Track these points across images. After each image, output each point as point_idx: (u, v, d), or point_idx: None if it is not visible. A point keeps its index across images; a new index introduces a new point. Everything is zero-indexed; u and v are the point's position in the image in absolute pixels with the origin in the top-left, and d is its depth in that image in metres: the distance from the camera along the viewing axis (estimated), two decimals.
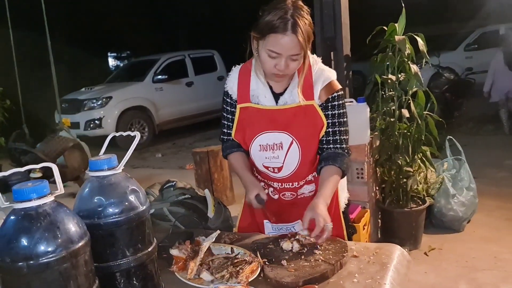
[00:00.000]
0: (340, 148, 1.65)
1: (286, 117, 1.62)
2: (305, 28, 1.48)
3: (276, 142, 1.64)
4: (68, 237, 0.90)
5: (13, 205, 0.90)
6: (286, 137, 1.62)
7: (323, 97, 1.62)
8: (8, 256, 0.86)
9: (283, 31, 1.46)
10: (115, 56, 22.42)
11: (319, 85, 1.62)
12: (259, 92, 1.66)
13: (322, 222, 1.43)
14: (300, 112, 1.61)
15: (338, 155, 1.64)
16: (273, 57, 1.51)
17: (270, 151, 1.66)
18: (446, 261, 3.14)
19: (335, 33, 3.26)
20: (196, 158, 4.58)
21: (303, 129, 1.62)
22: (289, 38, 1.46)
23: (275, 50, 1.49)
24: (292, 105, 1.61)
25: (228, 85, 1.72)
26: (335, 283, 1.24)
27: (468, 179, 3.66)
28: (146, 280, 1.13)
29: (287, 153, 1.64)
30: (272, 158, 1.67)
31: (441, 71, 8.38)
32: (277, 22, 1.47)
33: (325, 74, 1.64)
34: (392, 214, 3.36)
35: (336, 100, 1.63)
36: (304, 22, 1.48)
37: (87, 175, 1.13)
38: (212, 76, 9.99)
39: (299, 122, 1.61)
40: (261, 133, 1.65)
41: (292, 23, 1.46)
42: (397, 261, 1.37)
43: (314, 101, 1.61)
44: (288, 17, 1.47)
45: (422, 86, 3.14)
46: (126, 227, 1.08)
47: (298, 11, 1.49)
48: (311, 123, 1.62)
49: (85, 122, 8.38)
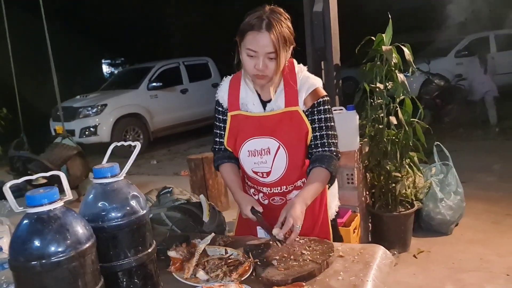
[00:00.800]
0: (329, 150, 1.69)
1: (273, 123, 1.69)
2: (281, 29, 1.57)
3: (263, 148, 1.70)
4: (76, 238, 0.99)
5: (26, 210, 0.99)
6: (273, 142, 1.69)
7: (309, 103, 1.68)
8: (23, 256, 0.95)
9: (259, 28, 1.56)
10: (109, 63, 22.47)
11: (303, 92, 1.69)
12: (248, 100, 1.74)
13: (291, 222, 1.46)
14: (286, 118, 1.68)
15: (325, 157, 1.68)
16: (251, 56, 1.59)
17: (258, 156, 1.72)
18: (434, 263, 3.25)
19: (325, 43, 3.37)
20: (191, 165, 4.66)
21: (289, 134, 1.69)
22: (263, 35, 1.55)
23: (252, 48, 1.58)
24: (277, 111, 1.69)
25: (219, 94, 1.81)
26: (321, 281, 1.34)
27: (455, 183, 3.77)
28: (146, 279, 1.22)
29: (274, 157, 1.70)
30: (261, 163, 1.73)
31: (431, 78, 8.53)
32: (253, 21, 1.58)
33: (309, 81, 1.71)
34: (381, 218, 3.47)
35: (322, 105, 1.69)
36: (280, 24, 1.57)
37: (91, 182, 1.22)
38: (206, 83, 10.09)
39: (285, 128, 1.68)
40: (249, 139, 1.72)
41: (267, 22, 1.56)
42: (380, 260, 1.47)
43: (298, 107, 1.68)
44: (264, 17, 1.57)
45: (409, 94, 3.26)
46: (128, 229, 1.17)
47: (275, 14, 1.59)
48: (297, 128, 1.69)
49: (80, 130, 8.43)
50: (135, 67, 11.08)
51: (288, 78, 1.71)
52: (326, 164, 1.67)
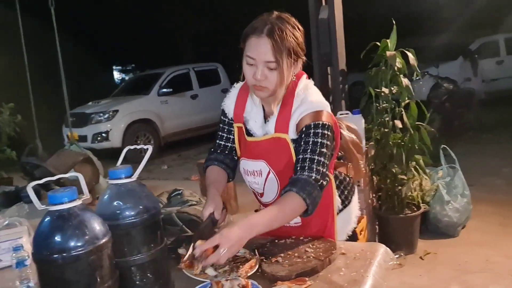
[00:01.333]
0: (307, 175, 1.45)
1: (263, 147, 1.59)
2: (285, 37, 1.43)
3: (255, 169, 1.63)
4: (94, 234, 1.08)
5: (48, 208, 1.08)
6: (264, 166, 1.61)
7: (299, 128, 1.53)
8: (45, 250, 1.04)
9: (259, 33, 1.43)
10: (120, 70, 22.77)
11: (295, 117, 1.54)
12: (251, 116, 1.63)
13: (216, 241, 1.29)
14: (275, 144, 1.57)
15: (300, 180, 1.44)
16: (250, 64, 1.47)
17: (251, 176, 1.66)
18: (440, 265, 3.29)
19: (330, 49, 3.45)
20: (201, 170, 4.74)
21: (278, 160, 1.58)
22: (263, 41, 1.43)
23: (251, 55, 1.45)
24: (267, 136, 1.58)
25: (226, 103, 1.73)
26: (323, 276, 1.41)
27: (462, 186, 3.80)
28: (158, 274, 1.30)
29: (265, 181, 1.63)
30: (253, 183, 1.67)
31: (440, 82, 8.55)
32: (256, 25, 1.46)
33: (305, 106, 1.53)
34: (388, 220, 3.52)
35: (313, 128, 1.50)
36: (285, 32, 1.44)
37: (103, 185, 1.30)
38: (216, 89, 10.20)
39: (274, 154, 1.58)
40: (243, 158, 1.68)
41: (269, 27, 1.43)
42: (381, 257, 1.53)
43: (287, 135, 1.55)
44: (267, 22, 1.45)
45: (413, 98, 3.31)
46: (141, 227, 1.25)
47: (281, 21, 1.46)
48: (285, 155, 1.56)
49: (92, 135, 8.60)
50: (145, 74, 11.26)
51: (286, 99, 1.56)
52: (297, 188, 1.42)
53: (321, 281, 1.38)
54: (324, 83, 3.63)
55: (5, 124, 6.44)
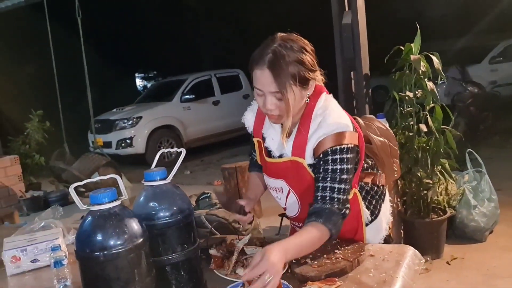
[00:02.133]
0: (330, 204, 1.43)
1: (281, 168, 1.58)
2: (287, 65, 1.37)
3: (277, 186, 1.64)
4: (133, 233, 1.12)
5: (90, 208, 1.13)
6: (283, 184, 1.61)
7: (317, 152, 1.48)
8: (88, 247, 1.09)
9: (262, 65, 1.39)
10: (142, 77, 23.13)
11: (312, 141, 1.49)
12: (269, 133, 1.61)
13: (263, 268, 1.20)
14: (292, 167, 1.55)
15: (324, 211, 1.42)
16: (259, 95, 1.45)
17: (274, 191, 1.66)
18: (467, 270, 3.25)
19: (354, 54, 3.46)
20: (225, 174, 4.80)
21: (297, 181, 1.57)
22: (265, 74, 1.38)
23: (257, 86, 1.43)
24: (285, 158, 1.56)
25: (246, 117, 1.72)
26: (353, 277, 1.43)
27: (489, 190, 3.75)
28: (191, 273, 1.34)
29: (286, 198, 1.64)
30: (277, 197, 1.68)
31: (464, 85, 8.44)
32: (256, 56, 1.42)
33: (323, 130, 1.47)
34: (413, 225, 3.50)
35: (330, 155, 1.45)
36: (288, 59, 1.38)
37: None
38: (237, 95, 10.28)
39: (292, 175, 1.56)
40: (265, 174, 1.68)
41: (270, 57, 1.37)
42: (410, 259, 1.54)
43: (304, 160, 1.51)
44: (268, 51, 1.39)
45: (438, 102, 3.30)
46: (175, 227, 1.29)
47: (283, 46, 1.39)
48: (304, 178, 1.54)
49: (117, 142, 8.75)
50: (168, 80, 11.42)
51: (303, 121, 1.51)
52: (323, 219, 1.41)
53: (350, 281, 1.40)
54: (347, 87, 3.64)
55: (34, 131, 6.64)
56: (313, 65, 1.45)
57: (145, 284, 1.15)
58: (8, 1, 6.87)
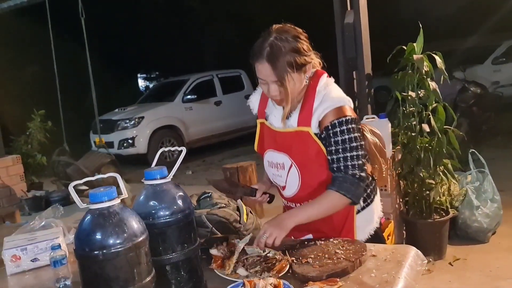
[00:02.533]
0: (344, 173, 1.59)
1: (287, 140, 1.68)
2: (284, 55, 1.52)
3: (279, 162, 1.72)
4: (133, 231, 1.11)
5: (89, 206, 1.12)
6: (286, 159, 1.69)
7: (324, 124, 1.61)
8: (87, 246, 1.08)
9: (261, 59, 1.55)
10: (144, 77, 23.16)
11: (319, 112, 1.62)
12: (271, 111, 1.75)
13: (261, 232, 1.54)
14: (298, 137, 1.65)
15: (339, 178, 1.60)
16: (263, 84, 1.61)
17: (275, 169, 1.75)
18: (470, 271, 3.23)
19: (356, 53, 3.45)
20: (226, 174, 4.79)
21: (300, 154, 1.66)
22: (265, 66, 1.54)
23: (260, 77, 1.59)
24: (290, 129, 1.67)
25: (251, 100, 1.87)
26: (354, 278, 1.41)
27: (492, 191, 3.73)
28: (191, 273, 1.33)
29: (288, 174, 1.70)
30: (277, 176, 1.75)
31: (467, 85, 8.40)
32: (256, 50, 1.57)
33: (329, 101, 1.62)
34: (415, 225, 3.48)
35: (337, 127, 1.60)
36: (283, 50, 1.52)
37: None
38: (239, 95, 10.27)
39: (297, 147, 1.66)
40: (268, 150, 1.76)
41: (268, 51, 1.53)
42: (412, 259, 1.52)
43: (310, 128, 1.63)
44: (266, 45, 1.54)
45: (441, 102, 3.28)
46: (175, 226, 1.28)
47: (278, 38, 1.54)
48: (308, 148, 1.64)
49: (119, 142, 8.74)
50: (170, 80, 11.42)
51: (307, 96, 1.66)
52: (337, 187, 1.59)
53: (352, 282, 1.39)
54: (349, 87, 3.63)
55: (36, 131, 6.64)
56: (308, 50, 1.60)
57: (145, 284, 1.14)
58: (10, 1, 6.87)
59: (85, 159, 5.58)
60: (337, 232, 1.75)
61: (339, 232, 1.75)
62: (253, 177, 4.71)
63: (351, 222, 1.77)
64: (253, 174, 4.81)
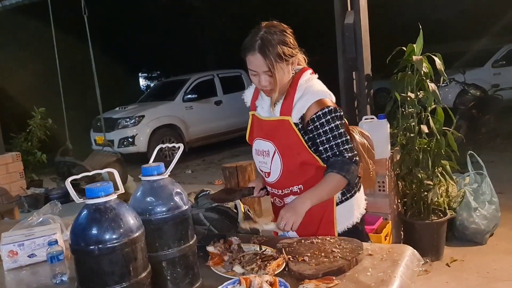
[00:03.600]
0: (341, 156, 1.72)
1: (270, 128, 1.81)
2: (274, 47, 1.66)
3: (264, 149, 1.84)
4: (129, 227, 1.12)
5: (86, 201, 1.12)
6: (270, 146, 1.81)
7: (307, 118, 1.73)
8: (83, 241, 1.08)
9: (253, 51, 1.68)
10: (146, 76, 23.15)
11: (298, 106, 1.74)
12: (260, 103, 1.89)
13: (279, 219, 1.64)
14: (279, 126, 1.78)
15: (337, 162, 1.71)
16: (254, 75, 1.73)
17: (261, 156, 1.86)
18: (467, 272, 3.23)
19: (356, 54, 3.45)
20: (226, 173, 4.79)
21: (282, 141, 1.78)
22: (257, 57, 1.67)
23: (251, 68, 1.72)
24: (273, 118, 1.80)
25: (246, 94, 2.01)
26: (350, 276, 1.42)
27: (490, 193, 3.73)
28: (187, 269, 1.33)
29: (271, 160, 1.82)
30: (263, 163, 1.87)
31: (466, 88, 8.40)
32: (247, 44, 1.70)
33: (307, 96, 1.74)
34: (413, 226, 3.48)
35: (322, 118, 1.72)
36: (273, 42, 1.66)
37: (130, 185, 1.34)
38: (240, 95, 10.12)
39: (279, 134, 1.79)
40: (256, 139, 1.89)
41: (259, 43, 1.67)
42: (408, 259, 1.53)
43: (290, 117, 1.75)
44: (257, 38, 1.68)
45: (440, 103, 3.28)
46: (172, 223, 1.29)
47: (268, 32, 1.68)
48: (288, 136, 1.76)
49: (119, 140, 8.74)
50: (171, 80, 11.43)
51: (290, 88, 1.78)
52: (337, 169, 1.70)
53: (348, 280, 1.39)
54: (349, 87, 3.63)
55: (36, 128, 6.64)
56: (294, 44, 1.74)
57: (140, 279, 1.14)
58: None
59: (91, 159, 5.56)
60: (316, 223, 1.82)
61: (318, 223, 1.82)
62: (252, 176, 4.72)
63: (330, 213, 1.84)
64: (252, 173, 4.82)
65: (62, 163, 5.33)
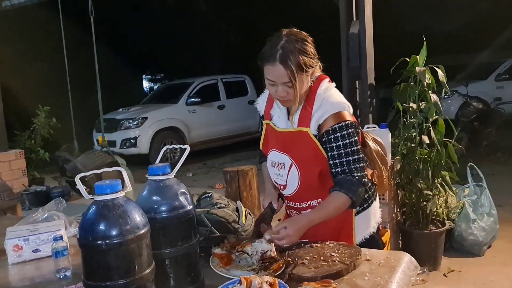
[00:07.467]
0: (351, 176, 1.66)
1: (287, 140, 1.75)
2: (295, 57, 1.58)
3: (280, 161, 1.78)
4: (135, 223, 1.15)
5: (95, 197, 1.16)
6: (287, 159, 1.75)
7: (325, 128, 1.67)
8: (91, 236, 1.12)
9: (273, 61, 1.59)
10: (149, 79, 23.24)
11: (318, 115, 1.68)
12: (276, 113, 1.81)
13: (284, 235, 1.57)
14: (298, 137, 1.71)
15: (346, 181, 1.65)
16: (271, 85, 1.65)
17: (276, 168, 1.81)
18: (464, 283, 3.26)
19: (360, 63, 3.50)
20: (227, 177, 4.80)
21: (300, 153, 1.72)
22: (277, 68, 1.59)
23: (270, 78, 1.64)
24: (291, 129, 1.74)
25: (258, 102, 1.92)
26: (348, 280, 1.45)
27: (489, 205, 3.76)
28: (190, 268, 1.37)
29: (288, 173, 1.76)
30: (278, 175, 1.81)
31: (469, 100, 8.44)
32: (267, 53, 1.62)
33: (326, 107, 1.68)
34: (412, 235, 3.51)
35: (338, 132, 1.66)
36: (295, 51, 1.58)
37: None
38: (243, 100, 10.32)
39: (296, 147, 1.72)
40: (272, 150, 1.82)
41: (280, 53, 1.58)
42: (405, 265, 1.56)
43: (309, 128, 1.69)
44: (277, 48, 1.59)
45: (442, 114, 3.32)
46: (176, 222, 1.32)
47: (290, 41, 1.60)
48: (307, 149, 1.70)
49: (121, 141, 8.79)
50: (175, 83, 11.49)
51: (308, 98, 1.72)
52: (345, 189, 1.65)
53: (346, 284, 1.42)
54: (352, 96, 3.68)
55: (40, 126, 6.69)
56: (314, 54, 1.67)
57: (145, 275, 1.17)
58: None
59: (84, 158, 5.57)
60: (335, 236, 1.77)
61: (337, 236, 1.78)
62: (253, 181, 4.73)
63: (349, 225, 1.82)
64: (253, 178, 4.83)
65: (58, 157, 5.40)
